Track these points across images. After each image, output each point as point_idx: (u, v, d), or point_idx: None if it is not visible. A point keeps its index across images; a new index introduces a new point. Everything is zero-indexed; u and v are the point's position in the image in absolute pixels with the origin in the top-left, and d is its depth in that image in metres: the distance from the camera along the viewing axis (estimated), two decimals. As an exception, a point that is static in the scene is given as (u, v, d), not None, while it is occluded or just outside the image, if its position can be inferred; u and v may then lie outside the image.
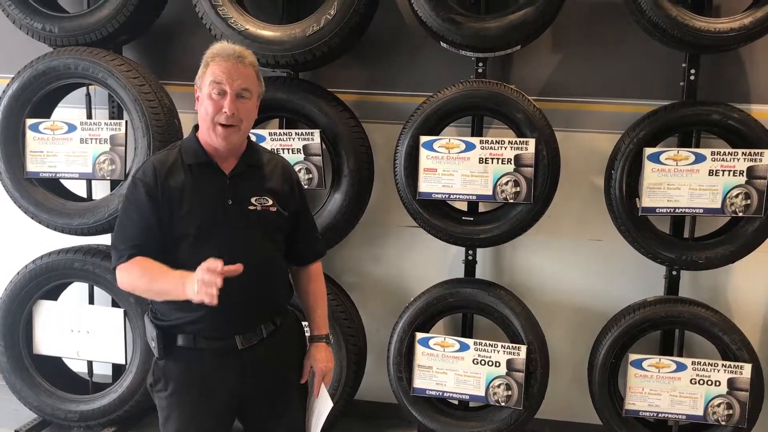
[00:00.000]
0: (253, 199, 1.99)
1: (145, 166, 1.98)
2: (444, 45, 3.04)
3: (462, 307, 3.20)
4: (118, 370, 3.44)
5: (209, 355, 1.95)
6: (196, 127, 2.03)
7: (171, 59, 3.54)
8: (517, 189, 2.96)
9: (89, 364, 3.43)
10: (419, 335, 3.14)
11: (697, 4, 2.93)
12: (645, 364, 3.02)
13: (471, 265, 3.27)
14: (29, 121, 3.21)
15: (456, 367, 3.12)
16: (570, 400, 3.41)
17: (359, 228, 3.35)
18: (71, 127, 3.20)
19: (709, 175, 2.88)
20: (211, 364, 1.95)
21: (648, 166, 2.90)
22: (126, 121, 3.18)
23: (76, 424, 3.32)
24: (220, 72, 1.91)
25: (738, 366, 2.94)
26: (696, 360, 3.00)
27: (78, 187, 3.50)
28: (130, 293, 2.54)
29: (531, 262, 3.44)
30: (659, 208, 2.93)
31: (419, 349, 3.14)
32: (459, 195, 3.02)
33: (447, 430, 3.14)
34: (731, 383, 2.96)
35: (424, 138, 2.99)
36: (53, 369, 3.47)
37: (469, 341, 3.12)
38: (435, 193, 3.03)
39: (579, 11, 3.19)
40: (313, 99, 3.11)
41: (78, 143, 3.19)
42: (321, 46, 2.96)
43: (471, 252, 3.26)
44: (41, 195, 3.23)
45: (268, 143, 3.11)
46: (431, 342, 3.14)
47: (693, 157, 2.89)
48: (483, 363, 3.09)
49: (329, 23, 2.94)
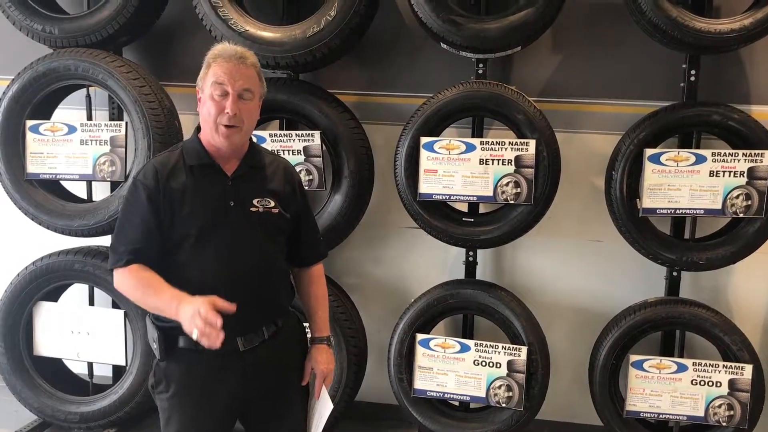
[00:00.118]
0: (255, 201, 1.98)
1: (146, 167, 1.98)
2: (444, 46, 3.04)
3: (463, 308, 3.20)
4: (118, 371, 3.44)
5: (210, 357, 1.94)
6: (198, 129, 2.03)
7: (171, 60, 3.54)
8: (518, 190, 2.96)
9: (89, 365, 3.43)
10: (420, 336, 3.14)
11: (698, 5, 2.94)
12: (646, 365, 3.03)
13: (471, 266, 3.27)
14: (29, 123, 3.21)
15: (457, 368, 3.12)
16: (571, 401, 3.41)
17: (360, 229, 3.35)
18: (71, 129, 3.20)
19: (710, 176, 2.88)
20: (213, 365, 1.94)
21: (648, 167, 2.90)
22: (126, 123, 3.18)
23: (76, 425, 3.31)
24: (221, 73, 1.91)
25: (739, 367, 2.94)
26: (697, 361, 3.00)
27: (78, 189, 3.50)
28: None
29: (531, 263, 3.44)
30: (660, 209, 2.93)
31: (420, 350, 3.14)
32: (459, 196, 3.02)
33: (448, 431, 3.13)
34: (732, 384, 2.96)
35: (424, 139, 2.99)
36: (53, 370, 3.47)
37: (470, 342, 3.12)
38: (435, 195, 3.03)
39: (579, 12, 3.19)
40: (314, 100, 3.11)
41: (78, 145, 3.19)
42: (321, 47, 2.97)
43: (471, 253, 3.26)
44: (41, 196, 3.23)
45: (268, 144, 3.11)
46: (432, 343, 3.14)
47: (693, 158, 2.89)
48: (484, 364, 3.08)
49: (329, 24, 2.94)
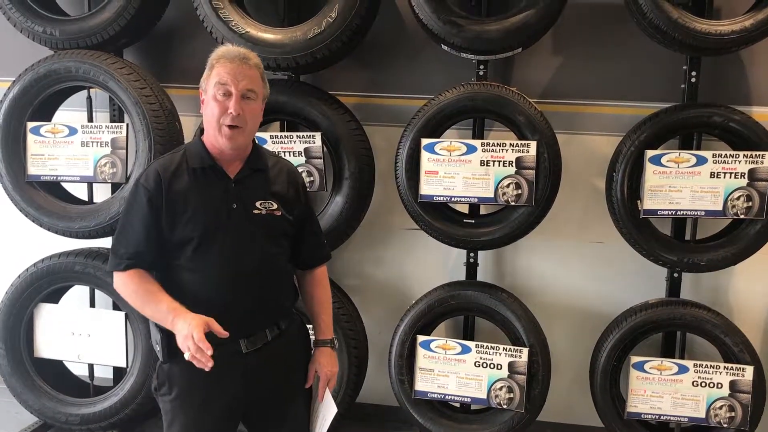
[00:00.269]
0: (258, 203, 1.98)
1: (148, 170, 1.98)
2: (445, 48, 3.04)
3: (463, 310, 3.20)
4: (119, 373, 3.43)
5: (214, 359, 1.94)
6: (201, 131, 2.02)
7: (172, 62, 3.54)
8: (519, 191, 2.96)
9: (90, 367, 3.43)
10: (421, 338, 3.14)
11: (698, 6, 2.94)
12: (647, 366, 3.03)
13: (472, 268, 3.27)
14: (30, 125, 3.20)
15: (458, 370, 3.12)
16: (572, 402, 3.41)
17: (360, 231, 3.35)
18: (72, 131, 3.20)
19: (711, 178, 2.89)
20: (216, 368, 1.94)
21: (649, 168, 2.90)
22: (127, 124, 3.18)
23: (77, 427, 3.31)
24: (225, 73, 1.91)
25: (740, 368, 2.94)
26: (698, 362, 3.00)
27: (79, 191, 3.50)
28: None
29: (532, 264, 3.44)
30: (661, 210, 2.93)
31: (421, 352, 3.14)
32: (460, 197, 3.02)
33: (449, 432, 3.14)
34: (733, 385, 2.96)
35: (425, 140, 2.99)
36: (54, 372, 3.47)
37: (471, 344, 3.12)
38: (436, 196, 3.03)
39: (580, 13, 3.19)
40: (314, 102, 3.11)
41: (79, 146, 3.19)
42: (322, 48, 2.96)
43: (472, 254, 3.26)
44: (42, 198, 3.23)
45: (269, 146, 3.11)
46: (433, 345, 3.14)
47: (694, 160, 2.90)
48: (485, 365, 3.08)
49: (330, 26, 2.94)
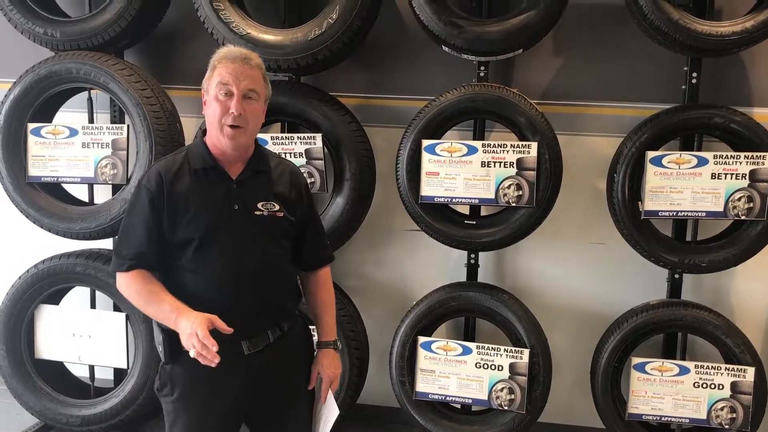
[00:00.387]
0: (260, 205, 1.98)
1: (150, 172, 1.98)
2: (446, 49, 3.04)
3: (464, 311, 3.20)
4: (119, 374, 3.43)
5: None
6: (203, 132, 2.03)
7: (173, 63, 3.54)
8: (520, 192, 2.96)
9: (91, 368, 3.43)
10: (422, 339, 3.14)
11: (699, 7, 2.93)
12: (648, 367, 3.02)
13: (473, 269, 3.27)
14: (31, 126, 3.20)
15: (459, 371, 3.12)
16: (573, 403, 3.41)
17: (361, 232, 3.34)
18: (73, 132, 3.20)
19: (712, 179, 2.88)
20: (218, 369, 1.93)
21: (650, 169, 2.90)
22: (128, 126, 3.18)
23: (78, 428, 3.31)
24: (226, 73, 1.92)
25: (741, 369, 2.94)
26: (699, 363, 3.00)
27: (80, 192, 3.50)
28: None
29: (533, 265, 3.44)
30: (662, 211, 2.93)
31: (422, 353, 3.14)
32: (461, 199, 3.02)
33: (450, 434, 3.13)
34: (734, 386, 2.95)
35: (426, 142, 2.99)
36: (55, 373, 3.47)
37: (472, 345, 3.12)
38: (437, 197, 3.02)
39: (580, 14, 3.19)
40: (315, 103, 3.11)
41: (80, 147, 3.19)
42: (323, 50, 2.96)
43: (473, 256, 3.26)
44: (43, 199, 3.23)
45: (270, 147, 3.09)
46: (434, 346, 3.13)
47: (695, 161, 2.90)
48: (486, 367, 3.08)
49: (331, 27, 2.94)
